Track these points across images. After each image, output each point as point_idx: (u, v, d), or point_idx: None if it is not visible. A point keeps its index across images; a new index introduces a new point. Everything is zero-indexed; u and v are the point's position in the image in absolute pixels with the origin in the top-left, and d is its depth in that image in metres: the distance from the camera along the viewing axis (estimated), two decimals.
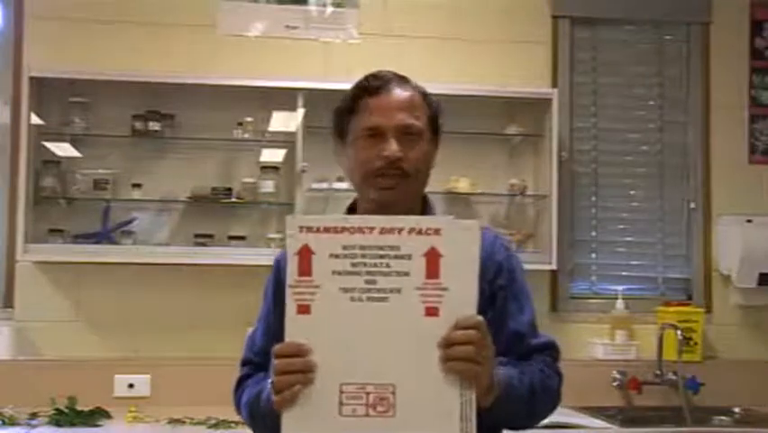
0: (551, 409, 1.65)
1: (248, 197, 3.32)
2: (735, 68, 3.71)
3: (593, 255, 3.65)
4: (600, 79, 3.70)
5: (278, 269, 1.68)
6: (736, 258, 3.53)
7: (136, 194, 3.29)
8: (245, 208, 3.37)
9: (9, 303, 3.28)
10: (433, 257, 1.37)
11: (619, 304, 3.52)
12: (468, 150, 3.39)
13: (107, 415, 2.96)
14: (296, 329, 1.38)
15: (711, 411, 3.36)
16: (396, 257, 1.37)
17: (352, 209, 1.71)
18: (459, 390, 1.35)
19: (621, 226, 3.68)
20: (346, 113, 1.66)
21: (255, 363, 1.69)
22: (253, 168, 3.37)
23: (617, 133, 3.70)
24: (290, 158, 3.31)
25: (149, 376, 3.22)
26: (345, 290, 1.37)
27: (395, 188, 1.59)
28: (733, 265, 3.55)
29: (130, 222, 3.30)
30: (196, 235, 3.29)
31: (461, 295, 1.37)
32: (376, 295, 1.37)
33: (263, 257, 3.08)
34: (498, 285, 1.63)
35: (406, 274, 1.37)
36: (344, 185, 3.26)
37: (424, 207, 1.68)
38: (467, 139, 3.35)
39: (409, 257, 1.37)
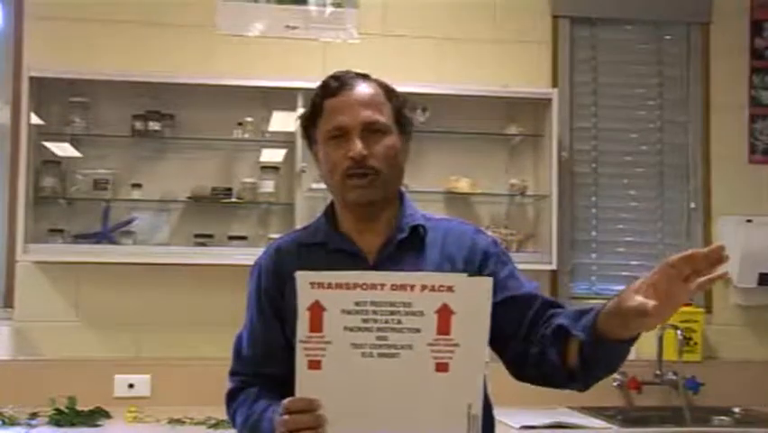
0: None
1: (248, 197, 3.32)
2: (735, 68, 3.71)
3: (593, 255, 3.65)
4: (600, 79, 3.70)
5: (260, 274, 1.69)
6: (736, 258, 3.52)
7: (136, 194, 3.29)
8: (245, 208, 3.37)
9: (9, 303, 3.28)
10: (445, 314, 1.38)
11: None
12: (468, 150, 3.39)
13: (107, 415, 2.97)
14: (307, 385, 1.39)
15: (711, 411, 3.36)
16: (407, 313, 1.38)
17: (328, 213, 1.71)
18: None
19: (621, 226, 3.68)
20: (311, 118, 1.66)
21: (244, 374, 1.69)
22: (253, 168, 3.37)
23: (617, 133, 3.70)
24: (290, 158, 3.31)
25: (149, 376, 3.22)
26: (356, 346, 1.38)
27: (367, 186, 1.59)
28: (733, 265, 3.55)
29: (130, 222, 3.30)
30: (196, 235, 3.29)
31: (472, 350, 1.39)
32: (387, 351, 1.38)
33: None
34: (490, 268, 1.64)
35: (418, 331, 1.38)
36: None
37: (401, 204, 1.69)
38: (467, 139, 3.35)
39: (421, 313, 1.38)
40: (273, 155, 3.39)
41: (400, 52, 3.41)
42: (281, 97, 3.27)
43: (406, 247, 1.64)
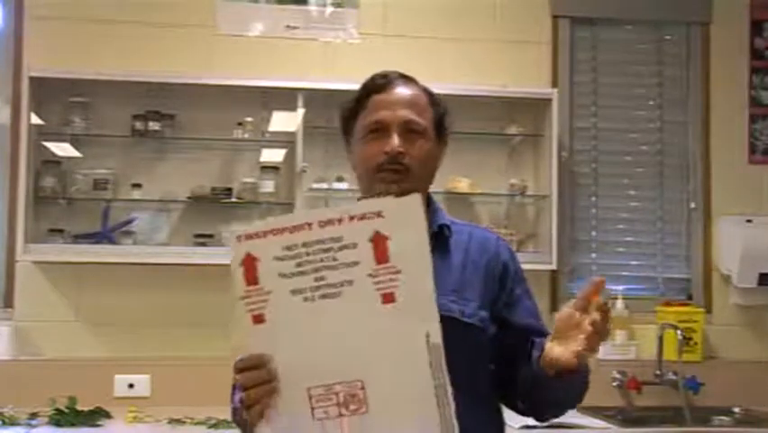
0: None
1: (248, 197, 3.32)
2: (735, 68, 3.71)
3: (593, 255, 3.65)
4: (600, 79, 3.70)
5: None
6: (736, 258, 3.53)
7: (136, 194, 3.29)
8: (245, 208, 3.37)
9: (9, 303, 3.27)
10: (379, 241, 1.31)
11: (619, 304, 3.52)
12: (468, 150, 3.39)
13: (107, 415, 2.97)
14: (253, 340, 1.33)
15: (711, 411, 3.36)
16: (341, 248, 1.31)
17: None
18: (431, 374, 1.30)
19: (621, 226, 3.68)
20: (353, 111, 1.67)
21: None
22: (253, 168, 3.37)
23: (617, 133, 3.70)
24: (290, 158, 3.30)
25: (149, 376, 3.22)
26: (296, 292, 1.32)
27: (397, 182, 1.59)
28: (733, 265, 3.55)
29: (130, 222, 3.30)
30: (196, 235, 3.28)
31: (417, 275, 1.31)
32: (328, 291, 1.31)
33: None
34: (509, 286, 1.66)
35: (356, 264, 1.31)
36: (344, 185, 3.26)
37: (429, 207, 1.68)
38: (467, 139, 3.35)
39: (355, 246, 1.31)
40: (273, 155, 3.39)
41: (400, 52, 3.41)
42: (281, 97, 3.27)
43: (432, 248, 1.62)
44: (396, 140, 1.58)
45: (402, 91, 1.64)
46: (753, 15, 3.74)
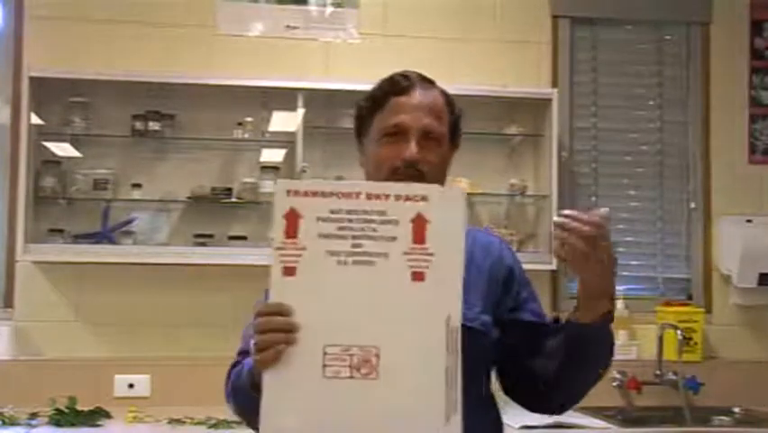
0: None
1: (248, 197, 3.32)
2: (735, 68, 3.71)
3: None
4: (600, 79, 3.70)
5: None
6: (736, 258, 3.53)
7: (136, 194, 3.29)
8: (245, 208, 3.37)
9: (9, 303, 3.27)
10: (420, 223, 1.36)
11: (619, 304, 3.52)
12: (468, 150, 3.34)
13: (107, 415, 2.97)
14: (280, 291, 1.37)
15: (711, 411, 3.36)
16: (382, 222, 1.36)
17: None
18: (444, 354, 1.34)
19: (621, 226, 3.67)
20: (371, 110, 1.65)
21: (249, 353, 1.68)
22: (253, 168, 3.37)
23: (617, 133, 3.70)
24: (290, 158, 3.30)
25: (149, 376, 3.22)
26: (331, 253, 1.36)
27: None
28: (733, 265, 3.55)
29: (130, 222, 3.30)
30: (196, 235, 3.28)
31: (448, 261, 1.36)
32: (362, 258, 1.36)
33: (263, 257, 3.08)
34: (514, 290, 1.66)
35: (393, 239, 1.36)
36: None
37: None
38: (467, 139, 3.27)
39: (396, 222, 1.36)
40: (273, 155, 3.39)
41: (400, 52, 3.41)
42: (281, 97, 3.27)
43: None
44: (414, 146, 1.58)
45: (423, 95, 1.62)
46: (753, 15, 3.74)
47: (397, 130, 1.60)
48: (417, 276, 1.36)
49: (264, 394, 1.35)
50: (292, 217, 1.37)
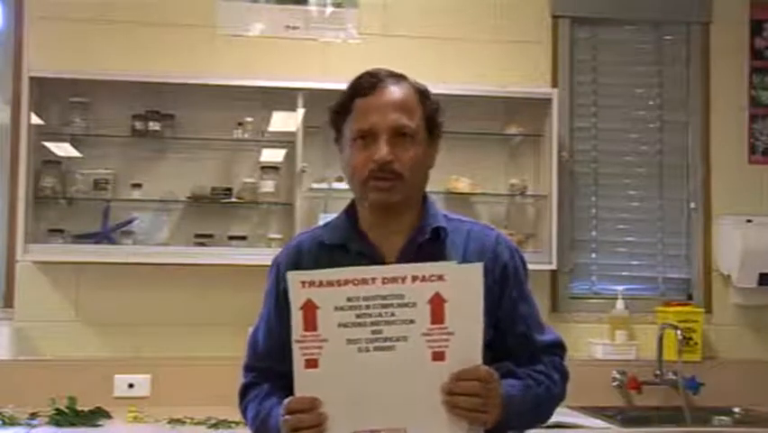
0: (554, 409, 1.67)
1: (248, 197, 3.32)
2: (735, 68, 3.71)
3: (593, 255, 3.65)
4: (600, 79, 3.70)
5: (278, 273, 1.67)
6: (736, 258, 3.53)
7: (136, 194, 3.29)
8: (245, 208, 3.37)
9: (9, 303, 3.28)
10: (437, 303, 1.39)
11: (619, 304, 3.52)
12: (468, 150, 3.39)
13: (107, 415, 2.97)
14: (305, 384, 1.40)
15: (711, 411, 3.36)
16: (400, 305, 1.39)
17: (349, 211, 1.70)
18: (467, 430, 1.39)
19: (621, 226, 3.67)
20: (341, 114, 1.64)
21: (258, 370, 1.69)
22: (253, 168, 3.37)
23: (617, 133, 3.70)
24: (290, 158, 3.31)
25: (149, 376, 3.22)
26: (352, 342, 1.39)
27: (389, 189, 1.57)
28: (733, 265, 3.55)
29: (130, 222, 3.30)
30: (196, 235, 3.29)
31: (467, 337, 1.39)
32: (382, 344, 1.39)
33: (263, 257, 3.06)
34: (507, 290, 1.64)
35: (412, 322, 1.39)
36: (344, 185, 3.25)
37: (424, 207, 1.67)
38: (467, 139, 3.35)
39: (414, 304, 1.39)
40: (273, 155, 3.39)
41: (400, 52, 3.41)
42: (281, 97, 3.27)
43: (428, 250, 1.60)
44: (384, 149, 1.55)
45: (390, 93, 1.59)
46: (753, 15, 3.74)
47: (365, 133, 1.58)
48: (437, 356, 1.39)
49: None
50: (309, 309, 1.40)
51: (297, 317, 1.40)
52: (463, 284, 1.40)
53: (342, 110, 1.63)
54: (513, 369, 1.58)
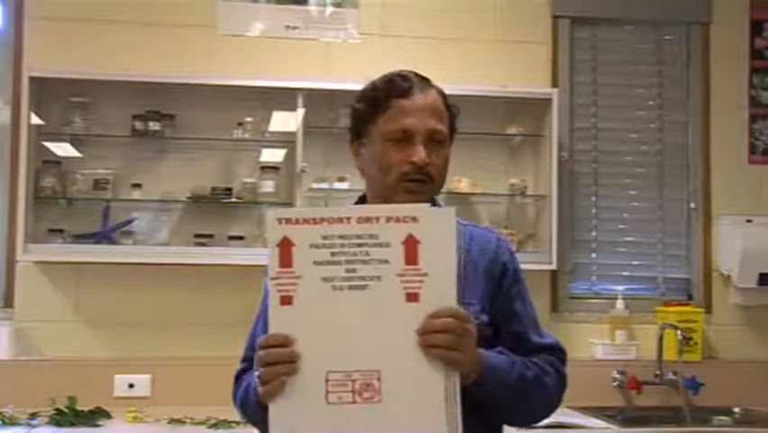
0: (547, 405, 1.65)
1: (248, 197, 3.32)
2: (735, 68, 3.71)
3: (593, 255, 3.65)
4: (600, 79, 3.70)
5: None
6: (736, 258, 3.53)
7: (136, 194, 3.29)
8: (245, 208, 3.37)
9: (9, 303, 3.28)
10: (411, 244, 1.39)
11: (619, 304, 3.52)
12: (468, 150, 3.38)
13: (107, 415, 2.97)
14: (279, 320, 1.39)
15: (711, 411, 3.36)
16: (375, 245, 1.39)
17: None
18: (443, 373, 1.37)
19: (621, 226, 3.68)
20: (370, 111, 1.64)
21: (252, 360, 1.69)
22: (253, 168, 3.37)
23: (617, 133, 3.70)
24: (290, 158, 3.30)
25: (149, 376, 3.22)
26: (326, 280, 1.39)
27: (420, 192, 1.59)
28: (733, 265, 3.55)
29: (130, 222, 3.30)
30: (196, 235, 3.29)
31: (441, 280, 1.39)
32: (357, 283, 1.38)
33: (263, 257, 3.06)
34: (505, 286, 1.65)
35: (386, 262, 1.39)
36: (344, 185, 3.26)
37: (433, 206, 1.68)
38: (467, 139, 3.31)
39: (388, 245, 1.39)
40: (273, 155, 3.39)
41: (400, 52, 3.41)
42: (281, 97, 3.27)
43: None
44: (423, 151, 1.58)
45: (425, 97, 1.62)
46: (753, 15, 3.74)
47: (403, 135, 1.59)
48: (411, 297, 1.38)
49: (271, 425, 1.39)
50: (285, 246, 1.40)
51: (273, 254, 1.40)
52: (437, 227, 1.40)
53: (374, 107, 1.63)
54: (503, 350, 1.57)
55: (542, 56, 3.60)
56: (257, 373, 1.41)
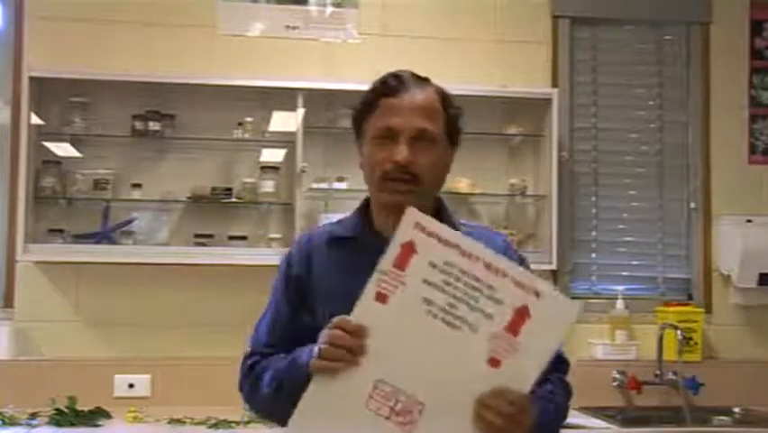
0: (561, 424, 1.66)
1: (248, 197, 3.32)
2: (735, 68, 3.71)
3: (593, 255, 3.65)
4: (600, 79, 3.70)
5: (289, 262, 1.70)
6: (736, 258, 3.53)
7: (136, 194, 3.29)
8: (245, 208, 3.37)
9: (9, 303, 3.28)
10: (521, 315, 1.37)
11: (619, 304, 3.52)
12: (468, 150, 3.32)
13: (107, 415, 2.97)
14: (364, 312, 1.39)
15: (711, 411, 3.36)
16: (488, 297, 1.37)
17: (362, 210, 1.71)
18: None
19: (621, 226, 3.67)
20: (364, 111, 1.65)
21: (263, 355, 1.68)
22: (253, 168, 3.37)
23: (617, 133, 3.70)
24: (290, 158, 3.30)
25: (149, 376, 3.22)
26: (427, 302, 1.38)
27: (404, 192, 1.58)
28: (733, 265, 3.55)
29: (130, 222, 3.30)
30: (196, 235, 3.29)
31: (530, 363, 1.36)
32: (452, 321, 1.37)
33: (263, 257, 3.08)
34: None
35: (490, 317, 1.37)
36: (344, 185, 3.26)
37: (438, 210, 1.67)
38: (467, 139, 3.27)
39: (500, 303, 1.37)
40: (273, 155, 3.39)
41: (400, 52, 3.41)
42: (281, 97, 3.27)
43: None
44: (405, 150, 1.57)
45: (414, 96, 1.61)
46: (753, 15, 3.74)
47: (387, 133, 1.59)
48: (493, 362, 1.36)
49: (307, 394, 1.39)
50: (408, 249, 1.39)
51: (392, 250, 1.39)
52: (553, 312, 1.38)
53: (366, 107, 1.64)
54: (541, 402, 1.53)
55: (542, 56, 3.60)
56: (319, 347, 1.41)
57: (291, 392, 1.47)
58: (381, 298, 1.38)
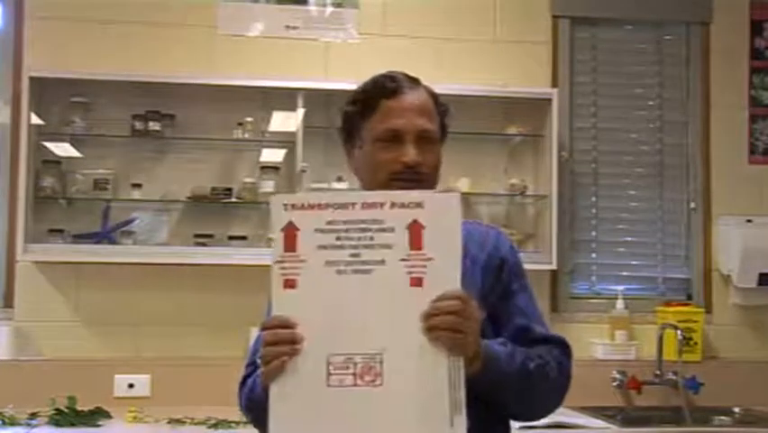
0: (551, 398, 1.63)
1: (248, 197, 3.32)
2: (735, 68, 3.71)
3: (593, 255, 3.65)
4: (600, 79, 3.70)
5: None
6: (736, 258, 3.53)
7: (136, 194, 3.29)
8: (245, 208, 3.37)
9: (9, 303, 3.28)
10: (416, 229, 1.39)
11: (619, 304, 3.52)
12: (468, 150, 3.38)
13: (107, 415, 2.96)
14: (282, 304, 1.40)
15: (711, 411, 3.36)
16: (379, 230, 1.40)
17: None
18: (446, 357, 1.36)
19: (621, 226, 3.68)
20: (360, 113, 1.65)
21: (256, 366, 1.68)
22: (253, 168, 3.37)
23: (617, 133, 3.70)
24: (290, 158, 3.31)
25: (149, 376, 3.22)
26: (330, 264, 1.39)
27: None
28: (733, 265, 3.55)
29: (130, 222, 3.30)
30: (196, 235, 3.29)
31: (446, 264, 1.39)
32: (361, 267, 1.39)
33: (263, 257, 3.07)
34: (504, 280, 1.64)
35: (390, 247, 1.39)
36: (344, 185, 3.26)
37: None
38: (467, 139, 3.34)
39: (392, 230, 1.40)
40: (273, 155, 3.39)
41: (400, 52, 3.41)
42: (281, 97, 3.27)
43: None
44: (413, 151, 1.58)
45: (413, 97, 1.62)
46: (753, 15, 3.74)
47: (392, 135, 1.60)
48: (415, 281, 1.38)
49: (271, 405, 1.38)
50: (290, 231, 1.41)
51: (278, 239, 1.41)
52: (441, 212, 1.40)
53: (365, 109, 1.64)
54: (506, 341, 1.55)
55: (542, 56, 3.60)
56: (259, 355, 1.41)
57: (259, 413, 1.47)
58: (289, 284, 1.40)
